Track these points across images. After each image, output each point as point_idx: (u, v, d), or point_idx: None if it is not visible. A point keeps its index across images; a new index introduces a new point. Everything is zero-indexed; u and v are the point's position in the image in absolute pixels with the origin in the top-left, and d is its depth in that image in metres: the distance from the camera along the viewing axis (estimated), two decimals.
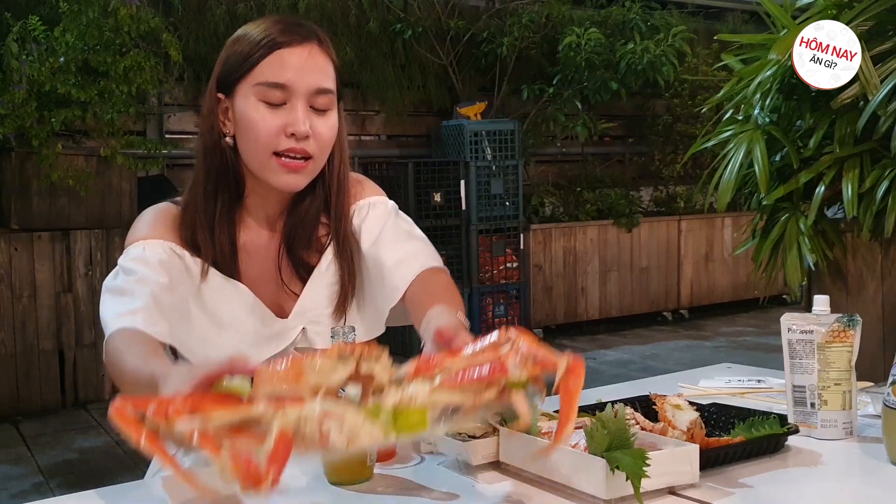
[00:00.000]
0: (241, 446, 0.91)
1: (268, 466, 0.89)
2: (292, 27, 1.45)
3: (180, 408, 0.94)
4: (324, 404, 0.95)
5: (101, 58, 4.73)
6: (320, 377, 0.99)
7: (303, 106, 1.42)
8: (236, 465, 0.88)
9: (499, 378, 1.01)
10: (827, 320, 1.35)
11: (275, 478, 0.88)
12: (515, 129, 6.57)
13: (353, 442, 0.94)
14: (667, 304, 7.58)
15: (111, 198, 5.16)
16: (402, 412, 0.97)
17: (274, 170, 1.42)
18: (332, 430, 0.93)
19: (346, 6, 6.56)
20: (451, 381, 1.02)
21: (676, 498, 1.11)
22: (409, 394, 1.00)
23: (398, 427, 0.97)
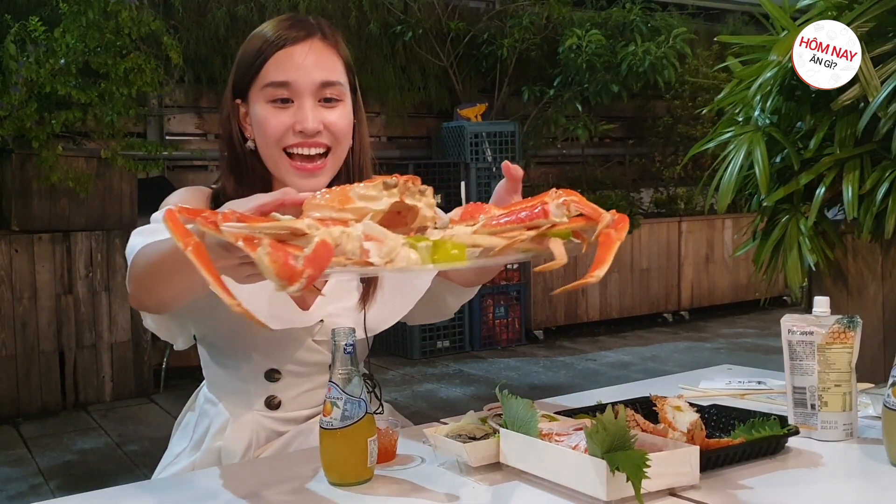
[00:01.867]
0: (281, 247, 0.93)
1: (305, 265, 0.90)
2: (296, 24, 1.47)
3: (229, 216, 0.95)
4: (367, 224, 0.97)
5: (101, 59, 4.73)
6: (365, 203, 1.00)
7: (310, 102, 1.43)
8: (273, 258, 0.89)
9: (540, 221, 1.03)
10: (827, 322, 1.35)
11: (310, 277, 0.90)
12: (516, 130, 6.58)
13: (392, 263, 0.95)
14: (667, 306, 7.58)
15: (111, 199, 5.16)
16: (441, 244, 0.99)
17: (287, 171, 1.44)
18: (372, 249, 0.95)
19: (347, 8, 6.56)
20: (492, 223, 1.04)
21: (677, 499, 1.11)
22: (450, 233, 1.02)
23: (436, 257, 0.98)
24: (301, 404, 1.53)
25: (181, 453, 1.57)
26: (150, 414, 4.92)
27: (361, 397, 1.18)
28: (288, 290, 0.90)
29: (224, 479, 1.28)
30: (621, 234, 1.06)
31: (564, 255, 1.02)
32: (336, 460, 1.20)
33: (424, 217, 1.04)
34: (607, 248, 1.04)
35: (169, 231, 0.97)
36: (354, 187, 1.02)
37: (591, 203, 1.08)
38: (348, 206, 1.01)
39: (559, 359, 6.19)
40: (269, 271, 0.90)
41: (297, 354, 1.49)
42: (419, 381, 5.60)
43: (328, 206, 1.01)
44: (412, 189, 1.03)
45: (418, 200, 1.03)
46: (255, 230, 0.95)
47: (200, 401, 1.61)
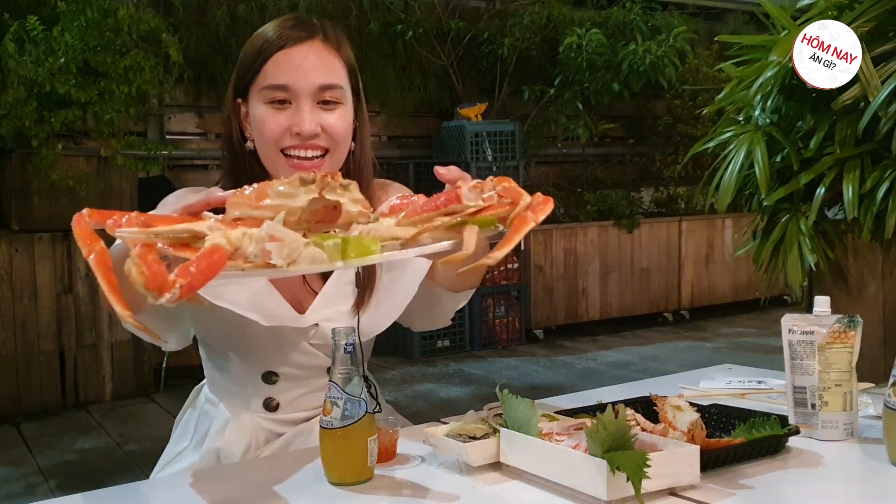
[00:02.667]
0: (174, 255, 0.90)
1: (177, 275, 0.86)
2: (298, 25, 1.46)
3: (134, 220, 0.92)
4: (270, 226, 0.94)
5: (100, 58, 4.73)
6: (282, 200, 0.97)
7: (308, 105, 1.42)
8: (141, 269, 0.86)
9: (455, 206, 0.99)
10: (827, 321, 1.35)
11: (184, 287, 0.86)
12: (516, 130, 6.58)
13: (295, 263, 0.93)
14: (667, 305, 7.58)
15: (112, 199, 5.16)
16: (353, 240, 0.96)
17: (284, 171, 1.43)
18: (273, 251, 0.92)
19: (347, 7, 6.56)
20: (412, 212, 1.01)
21: (677, 499, 1.11)
22: (369, 227, 0.99)
23: (349, 253, 0.95)
24: (299, 407, 1.52)
25: (181, 452, 1.57)
26: (151, 413, 4.92)
27: (361, 397, 1.18)
28: (160, 300, 0.86)
29: (224, 479, 1.28)
30: (538, 216, 1.02)
31: (472, 245, 0.98)
32: (336, 460, 1.20)
33: (350, 213, 1.01)
34: (517, 229, 1.00)
35: (75, 236, 0.94)
36: (273, 184, 1.00)
37: (518, 188, 1.04)
38: (265, 204, 0.98)
39: (559, 358, 6.19)
40: (138, 283, 0.87)
41: (293, 357, 1.48)
42: (419, 381, 5.60)
43: (246, 204, 0.98)
44: (332, 184, 1.00)
45: (340, 196, 1.00)
46: (151, 235, 0.92)
47: (201, 400, 1.61)
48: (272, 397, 1.51)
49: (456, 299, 1.53)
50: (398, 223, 1.01)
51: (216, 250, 0.90)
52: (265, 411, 1.51)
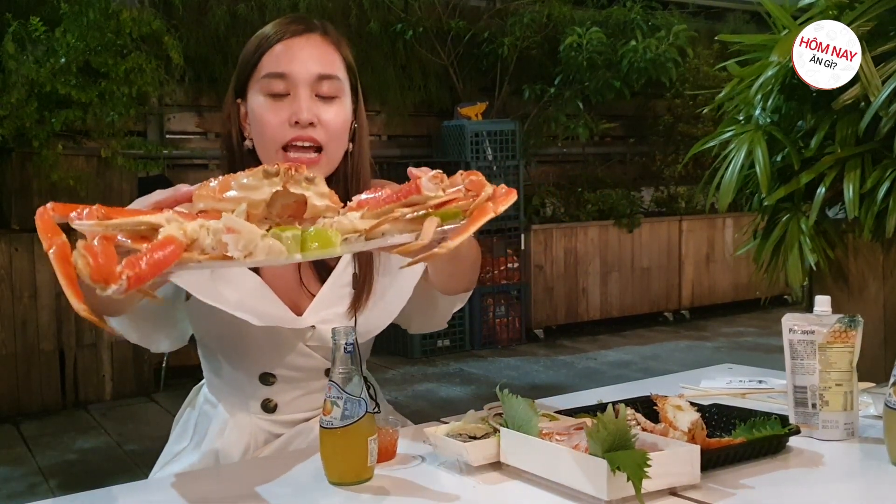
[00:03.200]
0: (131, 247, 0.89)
1: (125, 267, 0.86)
2: (295, 21, 1.47)
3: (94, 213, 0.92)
4: (228, 218, 0.93)
5: (101, 59, 4.73)
6: (245, 192, 0.97)
7: (306, 94, 1.42)
8: (87, 260, 0.86)
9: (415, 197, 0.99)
10: (828, 321, 1.34)
11: (131, 279, 0.85)
12: (516, 129, 6.57)
13: (251, 255, 0.92)
14: (668, 305, 7.58)
15: (112, 198, 5.16)
16: (314, 233, 0.95)
17: None
18: (230, 242, 0.92)
19: (347, 6, 6.56)
20: (376, 204, 1.00)
21: (677, 499, 1.11)
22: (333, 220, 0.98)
23: (308, 245, 0.95)
24: (297, 408, 1.52)
25: (180, 453, 1.56)
26: (150, 413, 4.92)
27: (361, 397, 1.18)
28: (106, 292, 0.85)
29: (224, 479, 1.28)
30: (498, 207, 1.01)
31: (429, 236, 0.97)
32: (336, 459, 1.19)
33: (316, 207, 1.00)
34: (475, 219, 0.99)
35: (38, 230, 0.94)
36: (237, 176, 0.99)
37: (483, 180, 1.03)
38: (227, 196, 0.97)
39: (559, 358, 6.19)
40: (84, 274, 0.86)
41: (290, 359, 1.48)
42: (419, 381, 5.60)
43: (209, 196, 0.98)
44: (296, 177, 0.99)
45: (306, 189, 0.99)
46: (108, 227, 0.91)
47: (200, 400, 1.61)
48: (270, 398, 1.50)
49: (452, 302, 1.53)
50: (362, 216, 1.00)
51: (169, 241, 0.89)
52: (263, 412, 1.51)
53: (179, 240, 0.90)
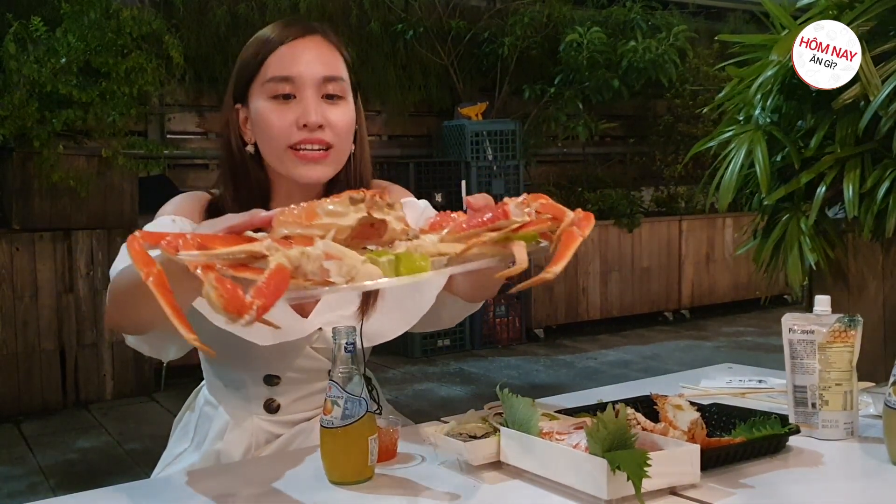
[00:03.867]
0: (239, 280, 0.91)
1: (254, 296, 0.88)
2: (294, 23, 1.47)
3: (190, 242, 0.94)
4: (326, 244, 0.96)
5: (102, 59, 4.73)
6: (332, 219, 1.00)
7: (313, 96, 1.42)
8: (220, 292, 0.88)
9: (502, 222, 1.02)
10: (828, 320, 1.35)
11: (259, 309, 0.88)
12: (516, 129, 6.58)
13: (353, 280, 0.95)
14: (668, 305, 7.58)
15: (112, 198, 5.17)
16: (405, 256, 0.98)
17: (292, 163, 1.42)
18: (332, 268, 0.94)
19: (347, 6, 6.56)
20: (457, 228, 1.03)
21: (677, 498, 1.11)
22: (415, 244, 1.01)
23: (400, 270, 0.98)
24: (300, 408, 1.52)
25: (181, 454, 1.56)
26: (151, 412, 4.92)
27: (362, 396, 1.18)
28: (238, 322, 0.88)
29: (224, 479, 1.28)
30: (585, 231, 1.05)
31: (526, 260, 1.02)
32: (337, 459, 1.20)
33: (394, 230, 1.04)
34: (567, 245, 1.03)
35: (131, 259, 0.95)
36: (322, 203, 1.02)
37: (557, 204, 1.07)
38: (315, 223, 1.00)
39: (560, 357, 6.19)
40: (217, 306, 0.88)
41: (296, 362, 1.48)
42: (420, 380, 5.60)
43: (295, 223, 1.00)
44: (379, 203, 1.02)
45: (387, 214, 1.03)
46: (211, 257, 0.93)
47: (200, 402, 1.61)
48: (273, 399, 1.51)
49: (468, 307, 1.53)
50: (442, 240, 1.03)
51: (281, 270, 0.92)
52: (265, 413, 1.51)
53: (287, 267, 0.92)
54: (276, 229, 1.01)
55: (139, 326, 1.32)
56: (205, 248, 0.94)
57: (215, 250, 0.94)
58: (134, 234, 0.97)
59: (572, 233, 1.04)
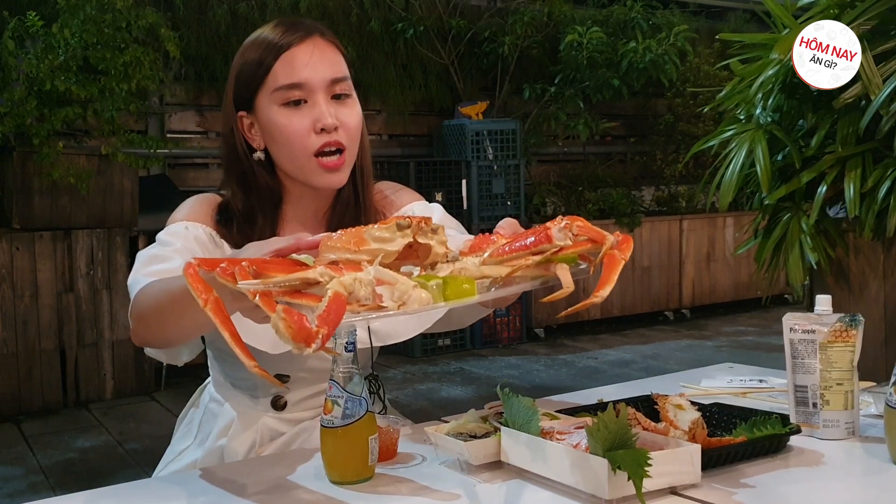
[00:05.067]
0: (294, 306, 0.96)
1: (319, 325, 0.92)
2: (292, 27, 1.47)
3: (246, 269, 0.98)
4: (378, 269, 1.00)
5: (100, 54, 4.73)
6: (380, 245, 1.04)
7: (324, 98, 1.43)
8: (288, 323, 0.92)
9: (544, 246, 1.06)
10: (829, 320, 1.34)
11: (325, 336, 0.92)
12: (517, 128, 6.57)
13: (405, 305, 0.99)
14: (668, 304, 7.58)
15: (113, 197, 5.16)
16: (451, 280, 1.02)
17: (315, 172, 1.43)
18: (384, 293, 0.98)
19: (348, 5, 6.56)
20: (498, 252, 1.07)
21: (678, 498, 1.11)
22: (459, 266, 1.06)
23: (447, 294, 1.01)
24: (306, 406, 1.53)
25: (184, 451, 1.57)
26: (151, 412, 4.92)
27: (362, 395, 1.18)
28: (306, 351, 0.92)
29: (225, 478, 1.28)
30: (626, 254, 1.09)
31: (571, 283, 1.06)
32: (337, 458, 1.19)
33: (436, 254, 1.08)
34: (612, 268, 1.07)
35: (188, 286, 0.99)
36: (369, 229, 1.06)
37: (595, 227, 1.10)
38: (363, 248, 1.04)
39: (560, 357, 6.19)
40: (286, 336, 0.92)
41: (307, 363, 1.49)
42: (420, 380, 5.60)
43: (343, 248, 1.05)
44: (425, 229, 1.07)
45: (430, 239, 1.07)
46: (269, 285, 0.98)
47: (205, 399, 1.61)
48: (280, 395, 1.51)
49: (484, 311, 1.53)
50: (484, 262, 1.07)
51: (338, 297, 0.96)
52: (272, 410, 1.51)
53: (343, 294, 0.96)
54: (323, 254, 1.05)
55: (169, 342, 1.35)
56: (259, 276, 0.99)
57: (272, 278, 0.99)
58: (190, 261, 1.02)
59: (614, 256, 1.08)
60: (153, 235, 1.49)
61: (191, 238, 1.43)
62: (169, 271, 1.32)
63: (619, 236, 1.10)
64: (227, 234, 1.48)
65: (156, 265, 1.36)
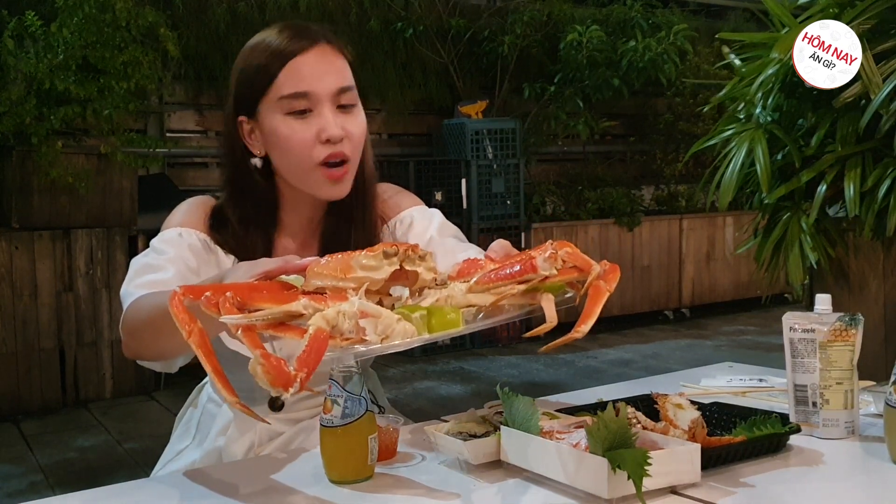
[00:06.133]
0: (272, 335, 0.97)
1: (298, 368, 0.92)
2: (299, 33, 1.43)
3: (230, 301, 0.98)
4: (361, 303, 0.99)
5: (99, 54, 4.72)
6: (366, 273, 1.04)
7: (330, 109, 1.41)
8: (266, 368, 0.92)
9: (529, 275, 1.05)
10: (829, 319, 1.34)
11: (303, 380, 0.92)
12: (516, 127, 6.57)
13: (388, 339, 0.99)
14: (668, 303, 7.58)
15: (112, 196, 5.16)
16: (436, 311, 1.02)
17: (319, 182, 1.42)
18: (367, 327, 0.98)
19: (347, 4, 6.55)
20: (485, 279, 1.07)
21: (678, 497, 1.11)
22: (445, 294, 1.05)
23: (432, 325, 1.01)
24: (304, 406, 1.53)
25: (183, 451, 1.56)
26: (151, 411, 4.92)
27: (362, 395, 1.18)
28: (284, 396, 0.92)
29: (224, 477, 1.28)
30: (611, 285, 1.08)
31: (555, 317, 1.05)
32: (336, 458, 1.19)
33: (424, 280, 1.08)
34: (595, 301, 1.07)
35: (172, 316, 0.99)
36: (355, 256, 1.05)
37: (583, 255, 1.09)
38: (350, 276, 1.03)
39: (560, 356, 6.19)
40: (264, 381, 0.92)
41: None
42: (420, 379, 5.60)
43: (330, 276, 1.04)
44: (412, 256, 1.06)
45: (418, 266, 1.07)
46: (252, 319, 0.97)
47: (203, 399, 1.61)
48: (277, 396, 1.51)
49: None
50: (470, 289, 1.07)
51: (320, 334, 0.95)
52: (270, 411, 1.51)
53: (325, 329, 0.96)
54: (310, 280, 1.05)
55: (161, 356, 1.34)
56: (244, 306, 0.99)
57: (255, 313, 0.98)
58: (175, 289, 1.01)
59: (599, 287, 1.07)
60: (152, 235, 1.49)
61: (184, 246, 1.42)
62: (161, 282, 1.32)
63: (606, 265, 1.09)
64: (221, 239, 1.47)
65: (148, 275, 1.35)
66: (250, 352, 0.94)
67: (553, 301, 1.06)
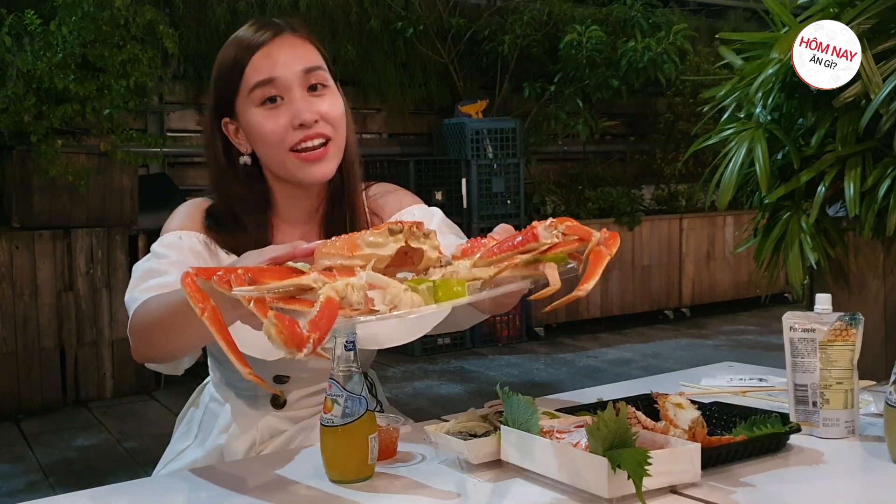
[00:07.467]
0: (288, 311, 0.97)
1: (310, 330, 0.93)
2: (264, 25, 1.47)
3: (241, 277, 0.99)
4: (369, 274, 1.01)
5: (98, 52, 4.72)
6: (372, 249, 1.05)
7: (300, 93, 1.43)
8: (279, 329, 0.93)
9: (532, 245, 1.07)
10: (829, 319, 1.34)
11: (316, 341, 0.93)
12: (517, 127, 6.57)
13: (396, 308, 1.00)
14: (668, 303, 7.58)
15: (112, 196, 5.16)
16: (442, 283, 1.04)
17: (296, 166, 1.44)
18: (376, 297, 0.99)
19: (347, 4, 6.55)
20: (488, 253, 1.09)
21: (678, 497, 1.11)
22: (450, 270, 1.07)
23: (438, 296, 1.02)
24: (306, 404, 1.53)
25: (184, 450, 1.57)
26: (151, 411, 4.92)
27: (362, 394, 1.18)
28: (297, 356, 0.93)
29: (225, 477, 1.28)
30: (611, 249, 1.10)
31: (558, 281, 1.07)
32: (337, 457, 1.19)
33: (429, 258, 1.09)
34: (597, 263, 1.08)
35: (186, 295, 1.00)
36: (362, 235, 1.07)
37: (583, 226, 1.11)
38: (357, 253, 1.05)
39: (560, 356, 6.19)
40: (277, 342, 0.93)
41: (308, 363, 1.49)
42: (420, 378, 5.60)
43: (337, 254, 1.05)
44: (416, 233, 1.08)
45: (423, 243, 1.08)
46: (264, 291, 0.99)
47: (205, 398, 1.61)
48: (280, 394, 1.51)
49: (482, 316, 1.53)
50: (475, 264, 1.08)
51: (330, 302, 0.97)
52: (272, 408, 1.52)
53: (336, 299, 0.98)
54: (319, 261, 1.06)
55: (172, 355, 1.35)
56: (254, 283, 1.00)
57: (266, 284, 1.00)
58: (188, 270, 1.02)
59: (600, 252, 1.09)
60: (153, 234, 1.50)
61: (186, 248, 1.43)
62: (166, 285, 1.32)
63: (606, 233, 1.11)
64: (220, 238, 1.48)
65: (153, 279, 1.36)
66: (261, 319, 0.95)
67: (556, 268, 1.08)
